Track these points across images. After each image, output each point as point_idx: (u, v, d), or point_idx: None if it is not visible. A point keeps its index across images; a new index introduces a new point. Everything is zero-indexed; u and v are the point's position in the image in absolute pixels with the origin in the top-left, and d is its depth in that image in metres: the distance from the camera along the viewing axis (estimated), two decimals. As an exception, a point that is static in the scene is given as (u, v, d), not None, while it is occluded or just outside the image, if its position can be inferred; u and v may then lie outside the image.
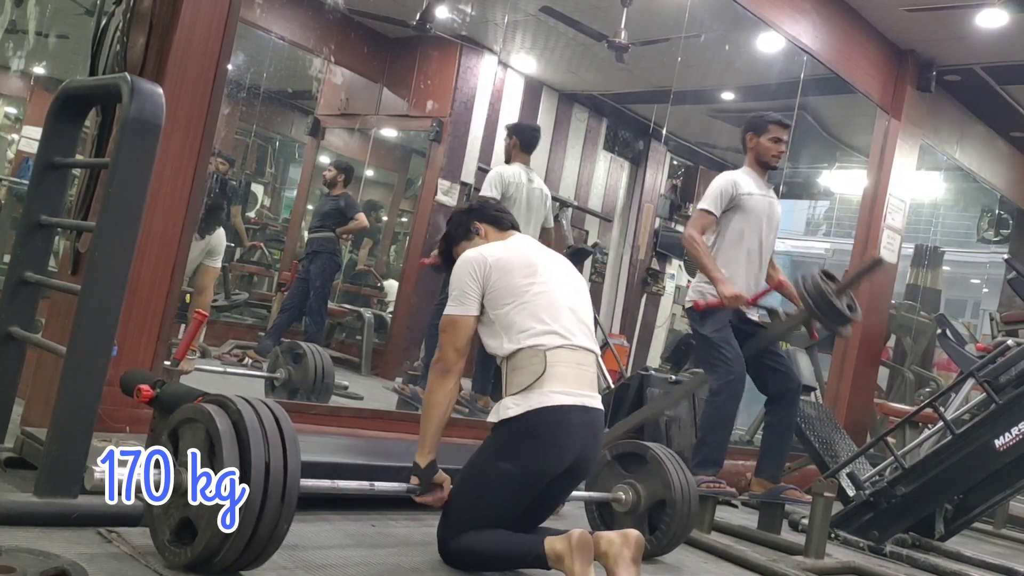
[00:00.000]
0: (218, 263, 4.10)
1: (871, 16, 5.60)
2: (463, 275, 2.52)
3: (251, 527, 1.92)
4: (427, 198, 6.93)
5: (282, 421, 2.03)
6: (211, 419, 1.97)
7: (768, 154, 3.92)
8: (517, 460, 2.40)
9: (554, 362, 2.44)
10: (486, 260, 2.52)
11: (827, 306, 3.67)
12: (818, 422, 4.59)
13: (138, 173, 2.25)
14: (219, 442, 1.93)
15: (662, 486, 2.89)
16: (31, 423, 2.74)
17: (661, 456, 2.95)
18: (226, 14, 3.00)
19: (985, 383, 3.97)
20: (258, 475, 1.92)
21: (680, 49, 6.20)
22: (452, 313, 2.51)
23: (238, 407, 1.99)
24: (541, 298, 2.51)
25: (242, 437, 1.95)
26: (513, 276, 2.51)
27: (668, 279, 9.26)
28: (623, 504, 2.93)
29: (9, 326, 2.53)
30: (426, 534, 2.75)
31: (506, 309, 2.48)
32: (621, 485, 2.95)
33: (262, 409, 2.02)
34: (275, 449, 1.97)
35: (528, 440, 2.40)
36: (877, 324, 6.16)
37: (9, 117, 8.38)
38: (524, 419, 2.39)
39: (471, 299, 2.50)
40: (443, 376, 2.48)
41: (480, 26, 6.81)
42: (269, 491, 1.93)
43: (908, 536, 4.02)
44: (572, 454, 2.45)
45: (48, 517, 2.13)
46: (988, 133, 7.24)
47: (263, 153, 8.24)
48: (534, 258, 2.60)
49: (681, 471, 2.94)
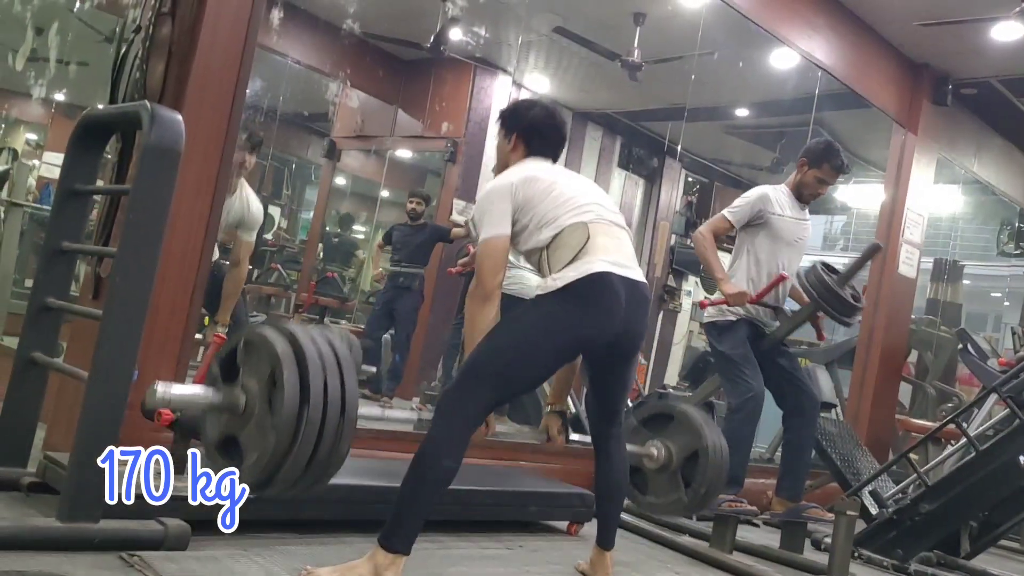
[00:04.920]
0: (252, 237, 4.12)
1: (885, 31, 5.59)
2: (493, 199, 2.53)
3: (311, 446, 1.94)
4: (442, 218, 6.96)
5: (337, 346, 2.05)
6: (271, 344, 1.99)
7: (806, 189, 3.84)
8: (561, 321, 2.39)
9: (596, 232, 2.49)
10: (510, 181, 2.55)
11: (832, 297, 3.68)
12: (839, 439, 4.55)
13: (158, 199, 2.27)
14: (278, 366, 1.96)
15: (693, 437, 2.86)
16: (53, 447, 2.76)
17: (688, 410, 2.94)
18: (243, 41, 3.03)
19: (1008, 398, 3.92)
20: (317, 396, 1.94)
21: (694, 66, 6.22)
22: (488, 236, 2.48)
23: (296, 333, 2.02)
24: (570, 189, 2.57)
25: (300, 360, 1.97)
26: (539, 182, 2.55)
27: (685, 296, 9.22)
28: (655, 460, 2.90)
29: (32, 351, 2.56)
30: (450, 555, 2.74)
31: (541, 207, 2.51)
32: (652, 442, 2.92)
33: (318, 335, 2.06)
34: (332, 370, 2.00)
35: (573, 304, 2.40)
36: (897, 339, 6.11)
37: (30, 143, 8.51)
38: (570, 288, 2.40)
39: (504, 219, 2.50)
40: (484, 303, 2.44)
41: (494, 47, 6.85)
42: (328, 411, 1.96)
43: (933, 554, 3.96)
44: (619, 322, 2.45)
45: (71, 542, 2.14)
46: (1006, 145, 7.20)
47: (280, 176, 8.31)
48: (552, 168, 2.67)
49: (709, 422, 2.93)
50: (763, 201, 3.77)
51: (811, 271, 3.78)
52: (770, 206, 3.77)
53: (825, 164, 3.80)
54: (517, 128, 2.71)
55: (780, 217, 3.79)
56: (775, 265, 3.80)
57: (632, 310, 2.49)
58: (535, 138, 2.70)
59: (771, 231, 3.78)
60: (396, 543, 2.23)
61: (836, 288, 3.68)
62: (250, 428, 2.00)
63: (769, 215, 3.77)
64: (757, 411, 3.67)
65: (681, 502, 2.89)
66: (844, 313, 3.77)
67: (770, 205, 3.77)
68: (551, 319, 2.41)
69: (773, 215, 3.77)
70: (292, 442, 1.91)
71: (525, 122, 2.70)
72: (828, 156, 3.80)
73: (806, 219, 3.93)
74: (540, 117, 2.72)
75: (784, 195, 3.85)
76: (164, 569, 2.10)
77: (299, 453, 1.92)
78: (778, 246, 3.80)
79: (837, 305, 3.71)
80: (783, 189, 3.88)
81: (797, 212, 3.85)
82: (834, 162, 3.80)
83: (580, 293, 2.41)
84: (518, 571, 2.77)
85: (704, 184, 9.41)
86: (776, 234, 3.79)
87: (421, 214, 6.29)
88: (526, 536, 3.22)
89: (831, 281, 3.69)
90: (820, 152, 3.82)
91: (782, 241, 3.81)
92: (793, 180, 3.89)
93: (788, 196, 3.86)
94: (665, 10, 5.90)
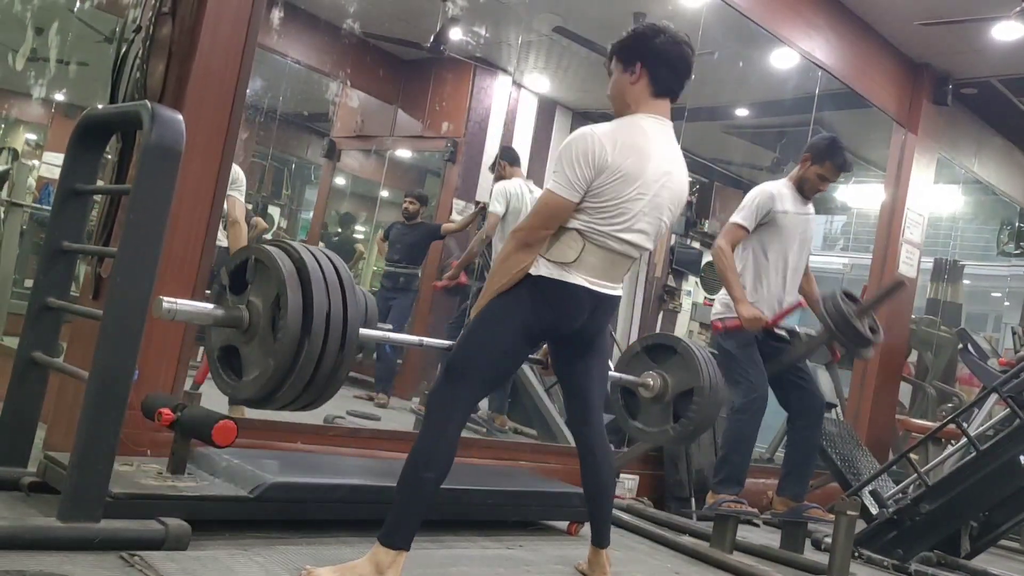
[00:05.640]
0: (242, 196, 4.24)
1: (885, 30, 5.59)
2: (579, 157, 2.35)
3: (310, 372, 2.02)
4: (442, 218, 6.96)
5: (341, 271, 2.11)
6: (278, 266, 2.05)
7: (809, 185, 3.82)
8: (517, 310, 2.37)
9: (590, 253, 2.39)
10: (609, 145, 2.37)
11: (848, 328, 3.61)
12: (839, 439, 4.55)
13: (159, 199, 2.27)
14: (284, 292, 2.02)
15: (691, 374, 2.89)
16: (54, 447, 2.77)
17: (692, 347, 2.96)
18: (244, 41, 3.03)
19: (1009, 398, 3.92)
20: (319, 327, 2.01)
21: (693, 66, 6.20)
22: (559, 193, 2.35)
23: (303, 257, 2.07)
24: (642, 202, 2.42)
25: (306, 286, 2.04)
26: (627, 173, 2.38)
27: (685, 296, 9.22)
28: (650, 389, 2.94)
29: (32, 351, 2.56)
30: (451, 555, 2.74)
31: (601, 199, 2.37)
32: (649, 372, 2.96)
33: (323, 258, 2.12)
34: (335, 297, 2.06)
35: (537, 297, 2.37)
36: (898, 339, 6.11)
37: (30, 144, 8.50)
38: (540, 281, 2.37)
39: (580, 184, 2.35)
40: (523, 248, 2.38)
41: (494, 47, 6.85)
42: (329, 340, 2.03)
43: (933, 554, 3.96)
44: (578, 324, 2.45)
45: (71, 541, 2.14)
46: (1006, 145, 7.20)
47: (280, 176, 8.31)
48: (653, 156, 2.48)
49: (710, 363, 2.95)
50: (770, 200, 3.76)
51: (830, 298, 3.72)
52: (775, 204, 3.76)
53: (828, 161, 3.79)
54: (642, 57, 2.48)
55: (785, 214, 3.77)
56: (783, 261, 3.79)
57: (595, 315, 2.48)
58: (663, 68, 2.49)
59: (777, 228, 3.77)
60: (397, 540, 2.25)
61: (853, 320, 3.62)
62: (253, 346, 2.09)
63: (776, 213, 3.76)
64: (761, 411, 3.67)
65: (667, 433, 2.94)
66: (858, 344, 3.73)
67: (775, 203, 3.76)
68: (507, 309, 2.38)
69: (779, 213, 3.76)
70: (291, 368, 2.01)
71: (652, 50, 2.47)
72: (832, 153, 3.79)
73: (810, 213, 3.92)
74: (667, 45, 2.49)
75: (787, 190, 3.84)
76: (165, 569, 2.10)
77: (297, 378, 2.02)
78: (785, 243, 3.79)
79: (853, 336, 3.66)
80: (785, 184, 3.87)
81: (800, 207, 3.84)
82: (837, 160, 3.79)
83: (546, 291, 2.38)
84: (519, 571, 2.77)
85: (704, 184, 9.40)
86: (782, 231, 3.77)
87: (416, 214, 6.29)
88: (526, 536, 3.21)
89: (849, 311, 3.64)
90: (824, 149, 3.81)
91: (788, 237, 3.79)
92: (796, 175, 3.88)
93: (791, 191, 3.84)
94: (665, 10, 5.89)
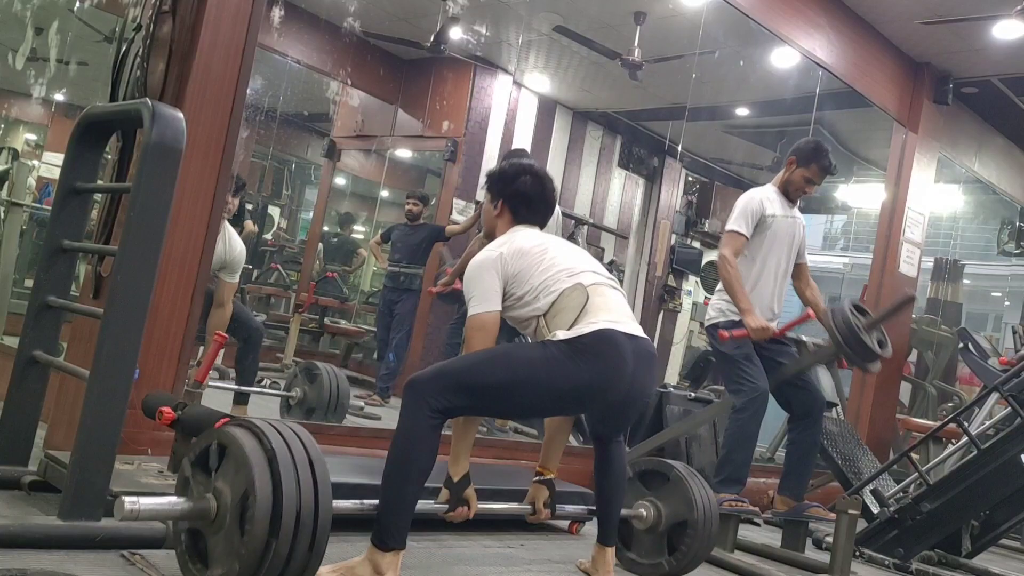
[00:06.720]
0: (236, 278, 4.14)
1: (886, 30, 5.59)
2: (481, 274, 2.50)
3: (279, 572, 1.84)
4: (443, 218, 6.95)
5: (315, 459, 1.93)
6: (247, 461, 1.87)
7: (794, 187, 3.84)
8: (566, 368, 2.35)
9: (594, 293, 2.48)
10: (500, 254, 2.52)
11: (857, 343, 3.59)
12: (840, 438, 4.55)
13: (159, 197, 2.27)
14: (252, 492, 1.84)
15: (684, 506, 2.85)
16: (54, 446, 2.76)
17: (684, 475, 2.91)
18: (244, 40, 3.03)
19: (1010, 397, 3.92)
20: (288, 522, 1.84)
21: (694, 66, 6.21)
22: (479, 311, 2.46)
23: (272, 445, 1.89)
24: (562, 256, 2.56)
25: (276, 487, 1.86)
26: (529, 255, 2.53)
27: (685, 296, 9.22)
28: (643, 521, 2.89)
29: (33, 350, 2.56)
30: (452, 555, 2.74)
31: (535, 277, 2.49)
32: (643, 502, 2.92)
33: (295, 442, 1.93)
34: (306, 489, 1.88)
35: (580, 356, 2.36)
36: (898, 339, 6.09)
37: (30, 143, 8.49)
38: (575, 342, 2.37)
39: (494, 294, 2.48)
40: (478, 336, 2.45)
41: (494, 47, 6.85)
42: (298, 537, 1.86)
43: (934, 553, 3.96)
44: (627, 379, 2.42)
45: (72, 540, 2.14)
46: (1007, 145, 7.20)
47: (280, 175, 8.30)
48: (540, 237, 2.64)
49: (704, 491, 2.90)
50: (760, 205, 3.79)
51: (839, 311, 3.70)
52: (766, 208, 3.79)
53: (813, 164, 3.81)
54: (504, 195, 2.68)
55: (775, 218, 3.81)
56: (775, 264, 3.82)
57: (639, 366, 2.46)
58: (522, 207, 2.67)
59: (768, 233, 3.80)
60: (389, 540, 2.24)
61: (862, 334, 3.59)
62: (219, 539, 1.90)
63: (766, 217, 3.79)
64: (761, 411, 3.67)
65: (662, 568, 2.86)
66: (865, 359, 3.70)
67: (766, 207, 3.79)
68: (556, 363, 2.37)
69: (768, 217, 3.79)
70: (256, 572, 1.83)
71: (513, 190, 2.67)
72: (816, 156, 3.81)
73: (797, 216, 3.94)
74: (528, 185, 2.67)
75: (773, 194, 3.87)
76: (165, 568, 2.10)
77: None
78: (776, 247, 3.82)
79: (860, 350, 3.63)
80: (771, 188, 3.90)
81: (787, 210, 3.87)
82: (822, 162, 3.81)
83: (586, 347, 2.38)
84: (519, 570, 2.77)
85: (704, 184, 9.40)
86: (772, 235, 3.80)
87: (419, 215, 6.29)
88: (527, 535, 3.21)
89: (857, 324, 3.62)
90: (809, 152, 3.83)
91: (778, 242, 3.82)
92: (781, 178, 3.90)
93: (777, 195, 3.88)
94: (666, 9, 5.90)
